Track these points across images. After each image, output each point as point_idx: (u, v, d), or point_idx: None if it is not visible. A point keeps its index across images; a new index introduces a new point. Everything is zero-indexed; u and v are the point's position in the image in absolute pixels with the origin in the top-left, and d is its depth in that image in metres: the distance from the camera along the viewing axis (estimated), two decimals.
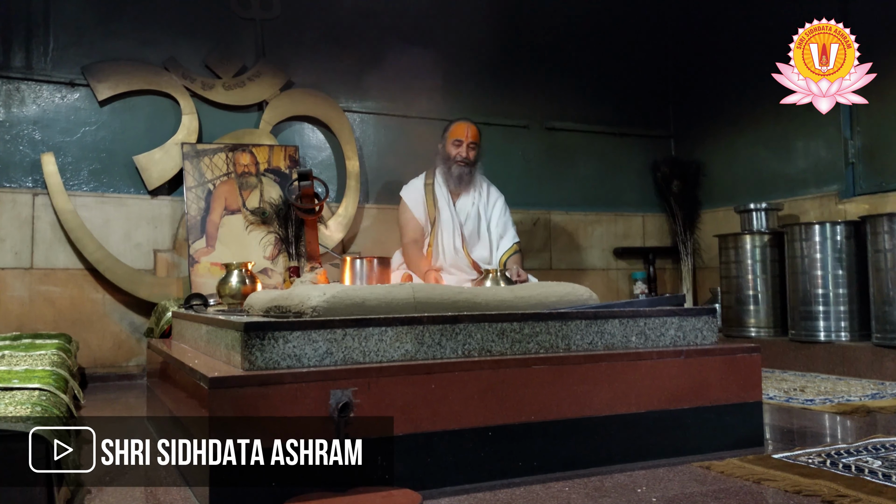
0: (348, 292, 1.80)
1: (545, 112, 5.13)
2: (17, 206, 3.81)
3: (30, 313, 3.80)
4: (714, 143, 5.17)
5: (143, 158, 4.05)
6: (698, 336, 2.00)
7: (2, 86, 3.86)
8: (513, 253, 3.84)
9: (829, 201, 4.29)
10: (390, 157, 4.63)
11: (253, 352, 1.51)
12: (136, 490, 1.68)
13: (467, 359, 1.67)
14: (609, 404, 1.78)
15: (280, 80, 4.38)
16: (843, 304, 3.71)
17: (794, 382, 3.30)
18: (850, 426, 2.29)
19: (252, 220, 4.06)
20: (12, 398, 1.46)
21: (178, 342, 2.46)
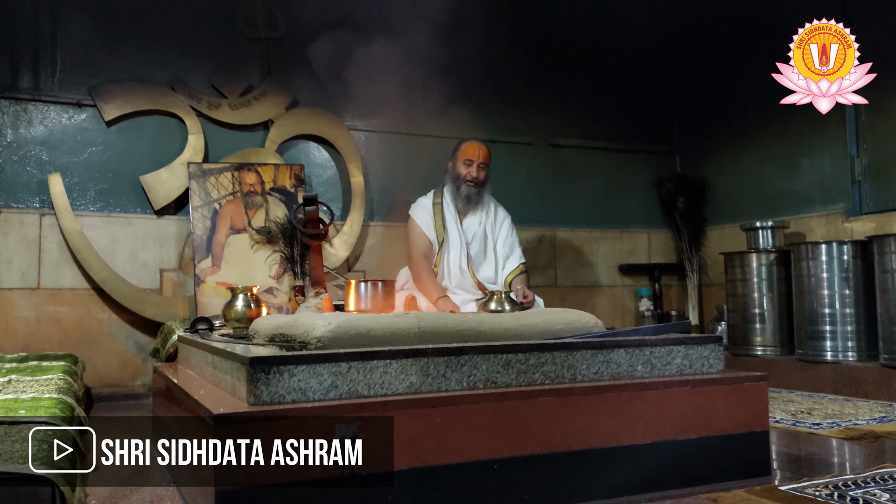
0: (353, 322, 1.80)
1: (550, 129, 5.14)
2: (24, 227, 3.83)
3: (36, 333, 3.81)
4: (720, 160, 5.17)
5: (150, 178, 4.07)
6: (704, 364, 1.99)
7: (9, 107, 3.88)
8: (518, 273, 3.83)
9: (835, 219, 4.28)
10: (395, 175, 4.64)
11: (258, 386, 1.51)
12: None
13: (472, 391, 1.67)
14: (615, 435, 1.77)
15: (285, 100, 4.40)
16: (851, 324, 3.69)
17: (801, 404, 3.28)
18: (858, 453, 2.27)
19: (258, 240, 4.06)
20: (19, 433, 1.47)
21: (184, 366, 2.46)
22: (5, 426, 1.55)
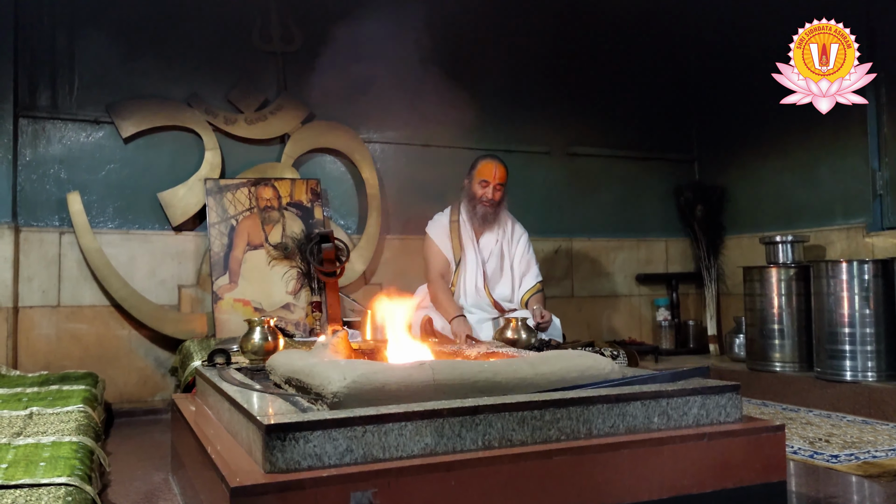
0: (368, 377, 1.81)
1: (567, 138, 5.11)
2: (44, 245, 3.87)
3: (57, 351, 3.86)
4: (739, 168, 5.11)
5: (167, 195, 4.09)
6: (721, 413, 1.98)
7: (28, 126, 3.91)
8: (535, 292, 3.83)
9: (856, 234, 4.23)
10: (412, 187, 4.63)
11: (274, 453, 1.52)
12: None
13: (487, 452, 1.67)
14: (631, 491, 1.77)
15: (301, 113, 4.41)
16: (871, 343, 3.65)
17: (820, 428, 3.26)
18: (877, 496, 2.26)
19: (275, 255, 4.09)
20: (38, 502, 1.49)
21: (202, 401, 2.48)
22: (26, 490, 1.57)
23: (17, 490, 1.57)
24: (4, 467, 1.77)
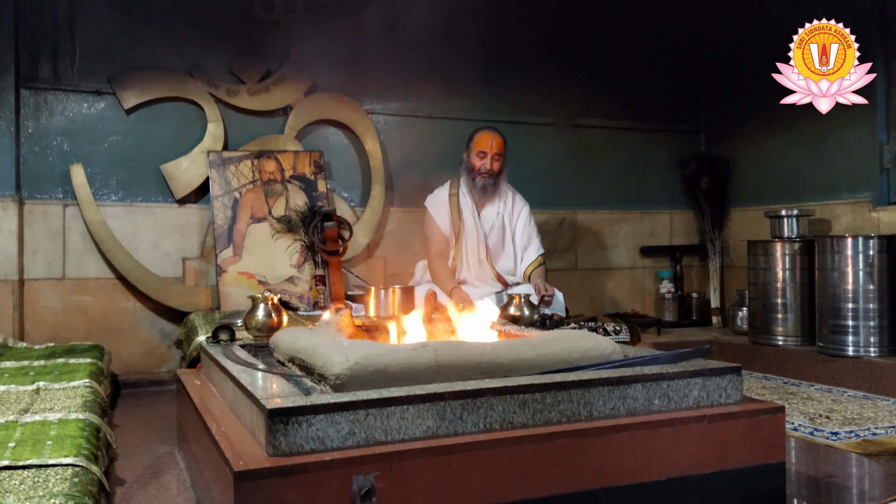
0: (371, 359, 1.82)
1: (572, 109, 5.06)
2: (48, 218, 3.88)
3: (63, 322, 3.88)
4: (745, 140, 5.06)
5: (170, 167, 4.08)
6: (722, 395, 1.99)
7: (30, 97, 3.89)
8: (537, 266, 3.83)
9: (862, 208, 4.20)
10: (415, 159, 4.61)
11: (277, 437, 1.54)
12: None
13: (489, 435, 1.68)
14: (631, 473, 1.79)
15: (304, 85, 4.37)
16: (874, 319, 3.65)
17: (821, 403, 3.28)
18: (876, 475, 2.28)
19: (278, 228, 4.08)
20: (45, 484, 1.51)
21: (206, 379, 2.50)
22: (33, 471, 1.59)
23: (25, 471, 1.59)
24: (12, 446, 1.80)
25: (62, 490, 1.46)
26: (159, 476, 2.35)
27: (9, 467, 1.60)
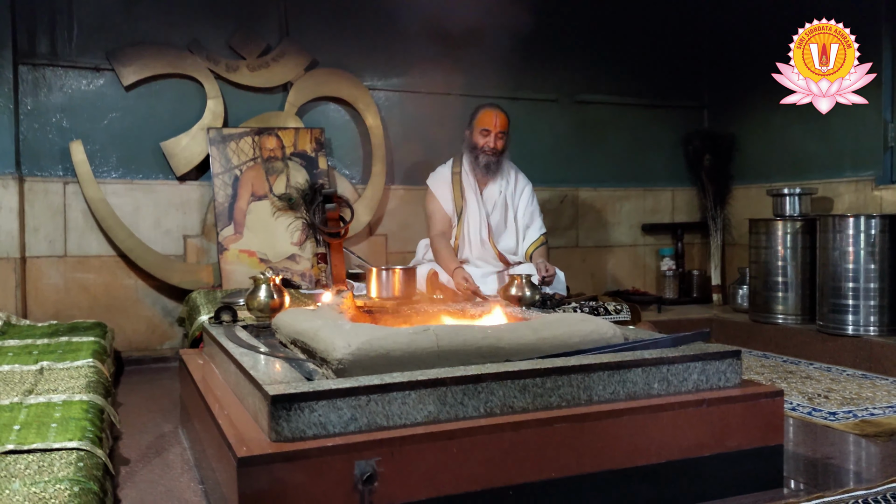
0: (373, 343, 1.83)
1: (575, 85, 5.02)
2: (48, 195, 3.87)
3: (65, 300, 3.90)
4: (749, 117, 5.03)
5: (170, 144, 4.06)
6: (721, 378, 2.00)
7: (28, 74, 3.86)
8: (539, 245, 3.83)
9: (864, 186, 4.19)
10: (417, 136, 4.59)
11: (280, 422, 1.55)
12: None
13: (489, 420, 1.70)
14: (629, 457, 1.81)
15: (304, 60, 4.33)
16: (874, 298, 3.66)
17: (820, 383, 3.30)
18: (873, 456, 2.30)
19: (279, 206, 4.08)
20: (51, 468, 1.52)
21: (209, 360, 2.52)
22: (38, 455, 1.61)
23: (31, 455, 1.61)
24: (17, 429, 1.81)
25: (67, 475, 1.48)
26: (163, 455, 2.37)
27: (14, 451, 1.62)
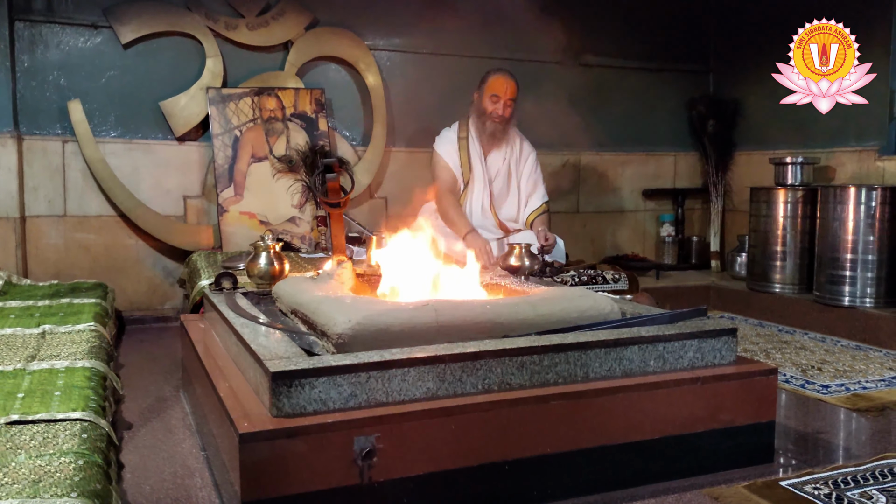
0: (373, 319, 1.85)
1: (580, 47, 4.94)
2: (47, 155, 3.85)
3: (66, 259, 3.91)
4: (754, 82, 4.97)
5: (169, 104, 4.02)
6: (717, 356, 2.02)
7: (24, 30, 3.80)
8: (541, 213, 3.83)
9: (867, 157, 4.17)
10: (419, 97, 4.55)
11: (280, 398, 1.57)
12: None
13: (487, 397, 1.72)
14: (624, 433, 1.84)
15: (305, 19, 4.26)
16: (871, 270, 3.67)
17: (814, 354, 3.33)
18: (864, 430, 2.34)
19: (279, 168, 4.06)
20: (55, 440, 1.55)
21: (210, 327, 2.54)
22: (43, 426, 1.64)
23: (35, 426, 1.63)
24: (21, 397, 1.84)
25: (72, 447, 1.50)
26: (164, 419, 2.41)
27: (19, 422, 1.65)
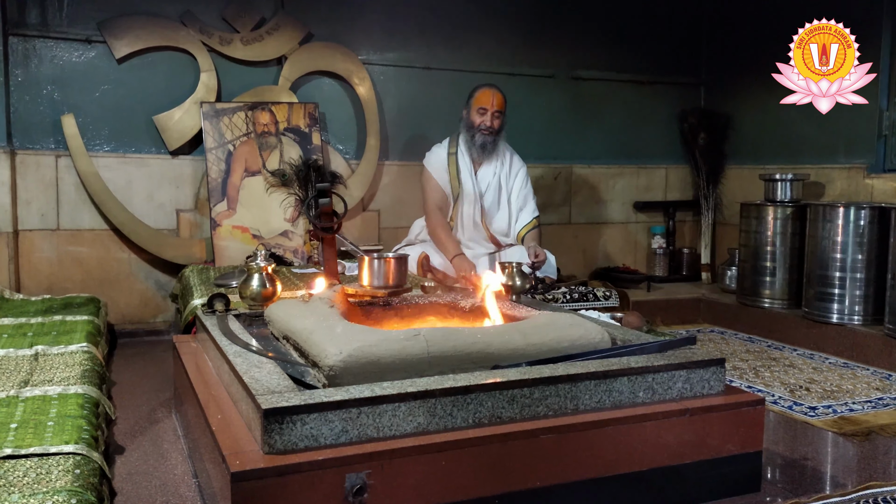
0: (364, 350, 1.86)
1: (572, 60, 4.98)
2: (40, 169, 3.85)
3: (59, 273, 3.91)
4: (745, 97, 5.01)
5: (163, 118, 4.03)
6: (705, 386, 2.04)
7: (18, 45, 3.80)
8: (531, 228, 3.85)
9: (856, 174, 4.20)
10: (412, 112, 4.57)
11: (272, 435, 1.59)
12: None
13: (477, 431, 1.74)
14: (612, 465, 1.86)
15: (299, 33, 4.27)
16: (860, 288, 3.71)
17: (802, 372, 3.36)
18: (850, 457, 2.37)
19: (272, 182, 4.06)
20: (48, 476, 1.56)
21: (202, 350, 2.55)
22: (36, 461, 1.65)
23: (28, 461, 1.64)
24: (14, 427, 1.85)
25: (65, 485, 1.52)
26: (157, 443, 2.42)
27: (12, 456, 1.66)
